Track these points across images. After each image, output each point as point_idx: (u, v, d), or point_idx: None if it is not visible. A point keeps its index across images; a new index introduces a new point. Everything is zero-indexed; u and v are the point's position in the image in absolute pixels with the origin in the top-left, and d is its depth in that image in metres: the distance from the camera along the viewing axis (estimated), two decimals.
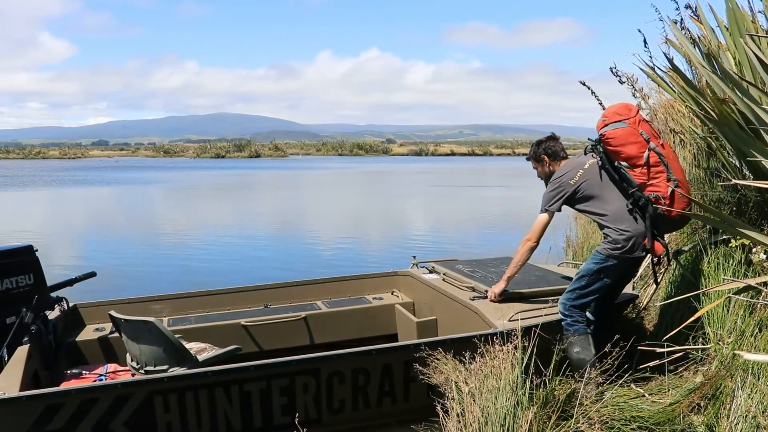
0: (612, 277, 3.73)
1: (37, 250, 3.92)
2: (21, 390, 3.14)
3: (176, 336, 3.67)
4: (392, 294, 5.27)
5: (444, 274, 4.82)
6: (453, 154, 75.00)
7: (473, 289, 4.32)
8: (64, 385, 3.57)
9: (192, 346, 3.82)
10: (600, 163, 3.75)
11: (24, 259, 3.80)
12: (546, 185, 3.96)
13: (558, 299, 3.90)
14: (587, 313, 3.86)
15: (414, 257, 5.40)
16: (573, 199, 3.79)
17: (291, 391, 3.47)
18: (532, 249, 3.88)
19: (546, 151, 4.00)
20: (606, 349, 3.22)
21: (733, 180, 3.54)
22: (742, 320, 3.47)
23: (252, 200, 22.70)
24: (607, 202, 3.70)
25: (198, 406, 3.32)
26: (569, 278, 4.31)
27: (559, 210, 3.83)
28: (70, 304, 4.39)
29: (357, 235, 13.66)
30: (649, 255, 3.83)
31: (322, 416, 3.58)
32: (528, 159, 4.13)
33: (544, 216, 3.82)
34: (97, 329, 4.42)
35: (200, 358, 3.65)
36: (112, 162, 59.54)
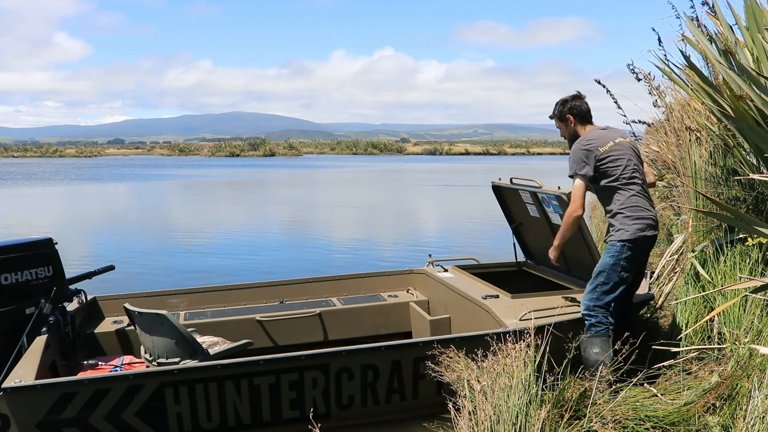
0: (632, 267, 3.63)
1: (56, 243, 3.99)
2: (37, 378, 3.20)
3: (190, 329, 3.72)
4: (407, 292, 5.27)
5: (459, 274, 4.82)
6: (467, 153, 74.71)
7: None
8: (80, 375, 3.63)
9: (204, 340, 3.86)
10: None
11: (44, 251, 3.90)
12: (570, 146, 3.80)
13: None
14: None
15: (430, 255, 5.40)
16: (597, 170, 3.63)
17: (300, 386, 3.50)
18: (579, 218, 3.69)
19: (572, 111, 3.79)
20: (617, 346, 3.19)
21: (751, 174, 3.50)
22: (759, 319, 3.43)
23: (267, 198, 22.80)
24: (630, 185, 3.60)
25: (208, 399, 3.36)
26: None
27: (589, 176, 3.62)
28: (89, 297, 4.48)
29: (373, 233, 13.68)
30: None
31: (331, 411, 3.60)
32: (551, 117, 3.92)
33: (578, 182, 3.63)
34: (115, 322, 4.49)
35: (212, 351, 3.69)
36: (128, 161, 60.10)
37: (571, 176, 3.69)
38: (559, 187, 4.09)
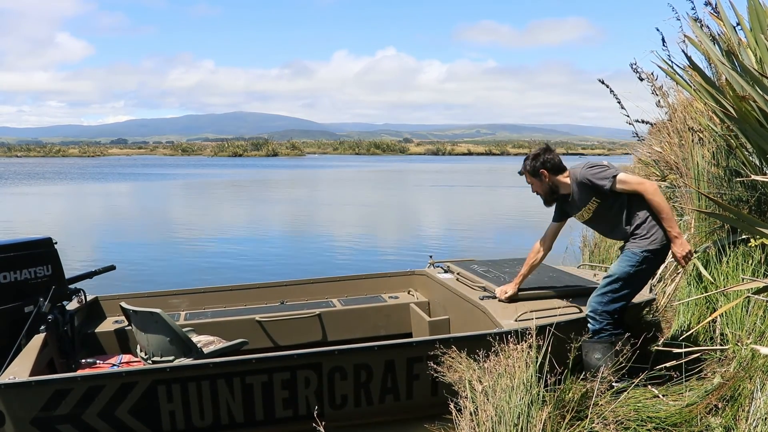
0: (648, 277, 3.61)
1: (56, 243, 4.00)
2: (33, 376, 3.21)
3: (187, 328, 3.70)
4: (408, 293, 5.26)
5: (458, 274, 4.81)
6: (470, 153, 74.67)
7: (485, 289, 4.30)
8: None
9: (200, 339, 3.87)
10: None
11: (43, 250, 3.92)
12: (545, 200, 3.75)
13: (570, 301, 3.86)
14: None
15: (431, 257, 5.39)
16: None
17: (292, 385, 3.49)
18: (658, 187, 3.52)
19: (545, 165, 3.65)
20: (618, 347, 3.17)
21: (752, 176, 3.49)
22: (762, 321, 3.42)
23: (270, 198, 22.80)
24: (643, 201, 3.53)
25: (201, 397, 3.36)
26: (587, 282, 4.27)
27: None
28: (91, 297, 4.49)
29: (375, 234, 13.67)
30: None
31: (324, 411, 3.58)
32: (521, 173, 3.79)
33: (623, 174, 3.50)
34: (116, 321, 4.50)
35: (206, 350, 3.69)
36: (131, 161, 60.15)
37: (610, 186, 3.48)
38: (484, 288, 4.27)
